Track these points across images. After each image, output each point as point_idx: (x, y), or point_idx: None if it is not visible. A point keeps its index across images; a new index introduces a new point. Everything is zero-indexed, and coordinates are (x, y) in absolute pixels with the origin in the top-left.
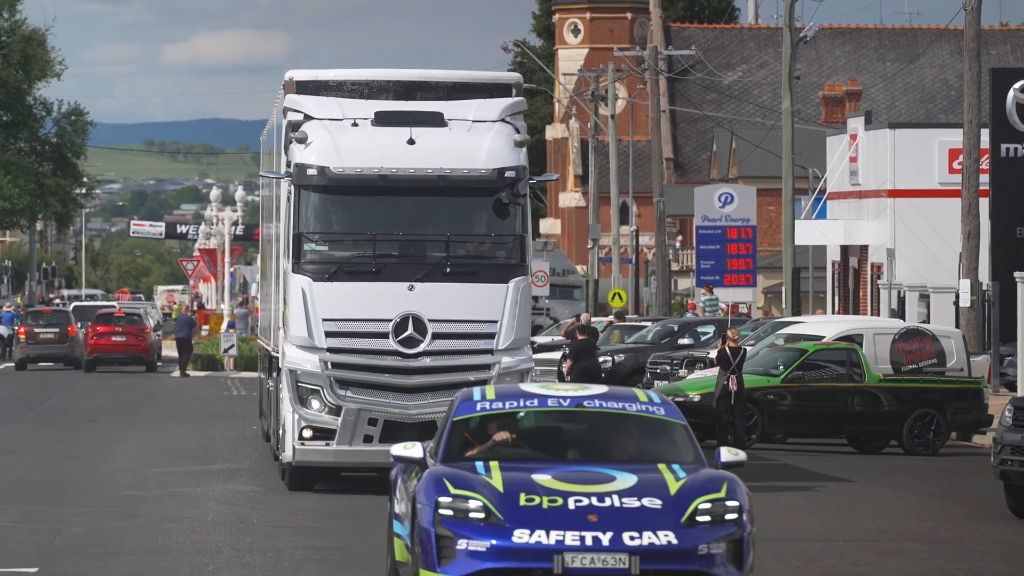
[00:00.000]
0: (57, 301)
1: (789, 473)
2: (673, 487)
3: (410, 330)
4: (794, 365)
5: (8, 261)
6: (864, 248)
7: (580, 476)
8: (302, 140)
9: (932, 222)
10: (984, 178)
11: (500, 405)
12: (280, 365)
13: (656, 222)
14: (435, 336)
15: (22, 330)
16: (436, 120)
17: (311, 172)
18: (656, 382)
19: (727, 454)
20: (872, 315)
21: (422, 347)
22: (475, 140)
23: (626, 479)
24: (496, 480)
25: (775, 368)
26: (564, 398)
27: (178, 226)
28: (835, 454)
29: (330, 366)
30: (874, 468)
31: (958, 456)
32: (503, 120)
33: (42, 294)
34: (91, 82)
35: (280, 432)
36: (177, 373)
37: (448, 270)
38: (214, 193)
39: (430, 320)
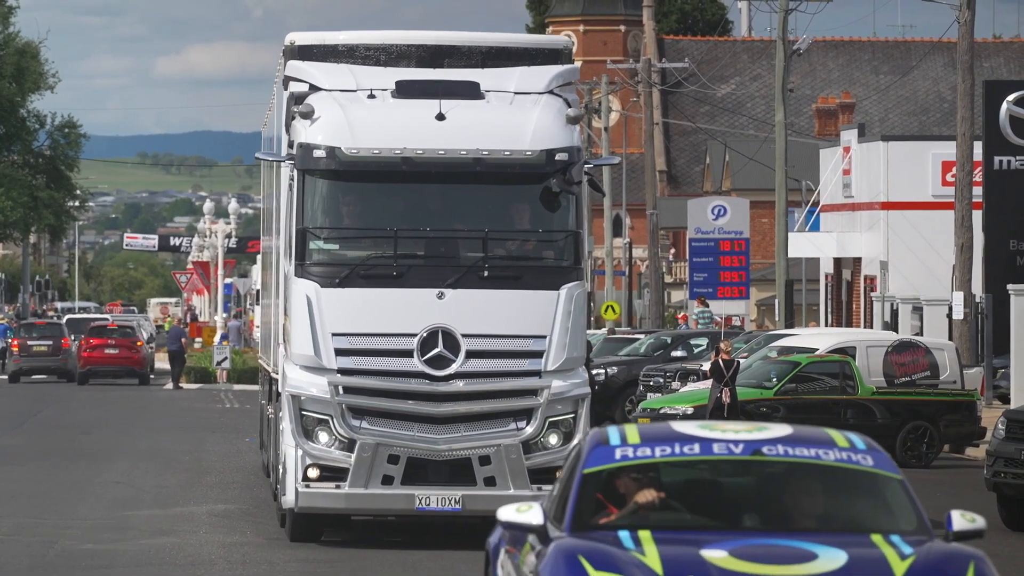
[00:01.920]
0: (51, 314)
1: None
2: (899, 569)
3: (439, 347)
4: (787, 377)
5: (1, 274)
6: (857, 260)
7: (768, 552)
8: (307, 115)
9: (925, 234)
10: (977, 190)
11: (648, 452)
12: (280, 389)
13: (649, 234)
14: (470, 354)
15: (15, 343)
16: (471, 91)
17: (318, 154)
18: (649, 395)
19: (961, 520)
20: (865, 327)
21: (454, 368)
22: (518, 116)
23: (832, 557)
24: (652, 559)
25: (768, 380)
26: (735, 442)
27: (171, 239)
28: None
29: (342, 391)
30: None
31: (951, 468)
32: (551, 92)
33: (35, 307)
34: (84, 95)
35: (280, 470)
36: (170, 385)
37: (486, 274)
38: (207, 205)
39: (464, 335)
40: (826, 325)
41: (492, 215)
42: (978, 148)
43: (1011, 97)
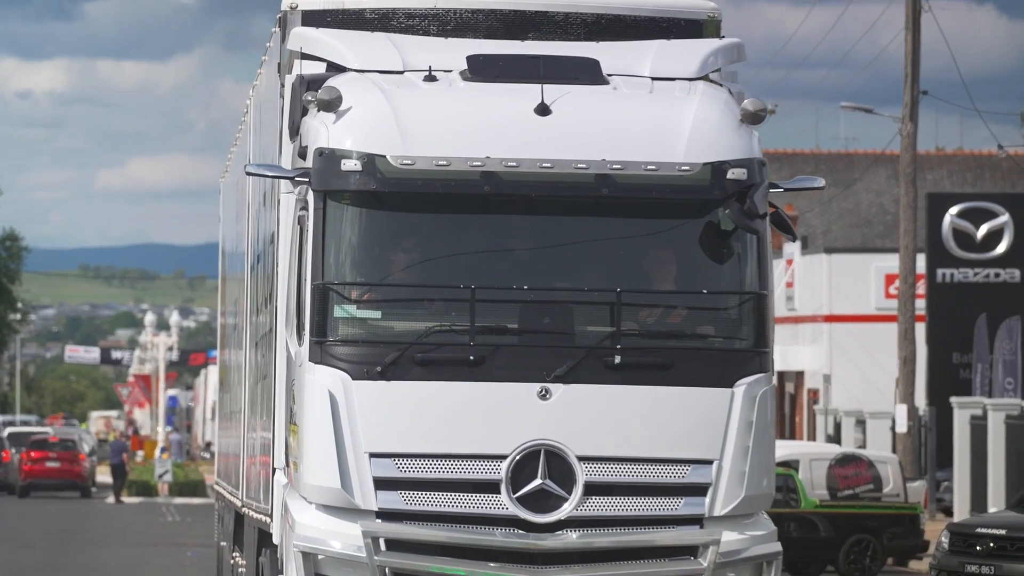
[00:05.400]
0: None
1: None
2: None
3: (542, 477)
4: None
5: None
6: (800, 374)
7: None
8: (331, 105)
9: (868, 347)
10: (920, 303)
11: None
12: (279, 540)
13: None
14: (590, 489)
15: None
16: (588, 72)
17: (350, 165)
18: None
19: None
20: (808, 440)
21: (565, 511)
22: (665, 111)
23: None
24: None
25: None
26: None
27: (113, 351)
28: None
29: (384, 546)
30: None
31: None
32: (706, 78)
33: None
34: (26, 207)
35: None
36: (112, 499)
37: (616, 360)
38: (149, 318)
39: (581, 458)
40: None
41: (625, 266)
42: (921, 260)
43: (954, 209)
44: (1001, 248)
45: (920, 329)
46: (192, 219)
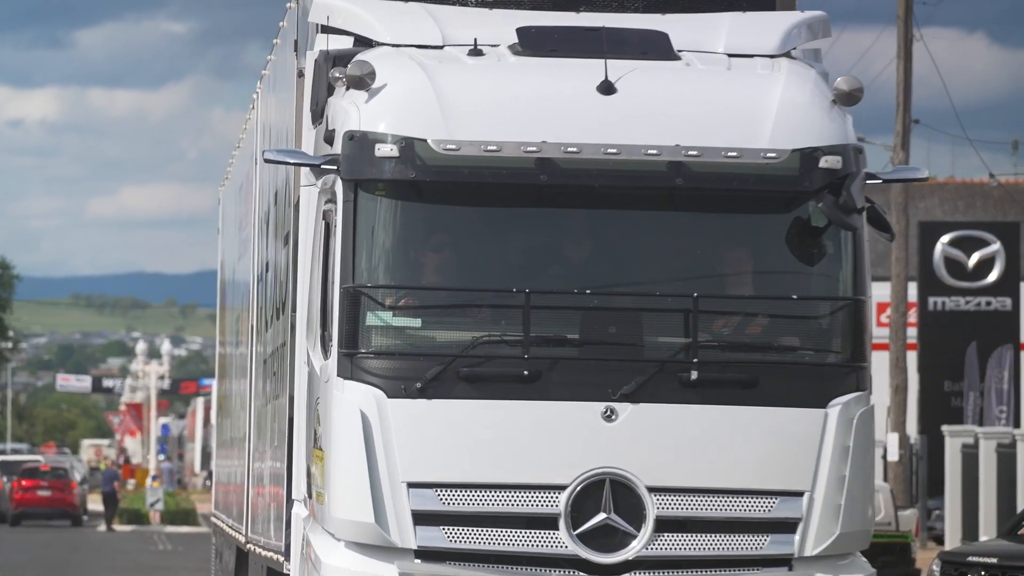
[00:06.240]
0: None
1: None
2: None
3: (605, 511)
4: None
5: None
6: None
7: None
8: (363, 83)
9: None
10: (912, 331)
11: None
12: None
13: None
14: (662, 526)
15: None
16: (655, 47)
17: (385, 150)
18: None
19: None
20: None
21: (632, 551)
22: (747, 92)
23: None
24: None
25: None
26: None
27: (104, 380)
28: None
29: None
30: None
31: None
32: (788, 55)
33: None
34: (17, 235)
35: None
36: (103, 527)
37: (693, 376)
38: (140, 347)
39: (652, 489)
40: None
41: (702, 267)
42: (913, 289)
43: (945, 238)
44: (992, 276)
45: (912, 357)
46: (184, 248)
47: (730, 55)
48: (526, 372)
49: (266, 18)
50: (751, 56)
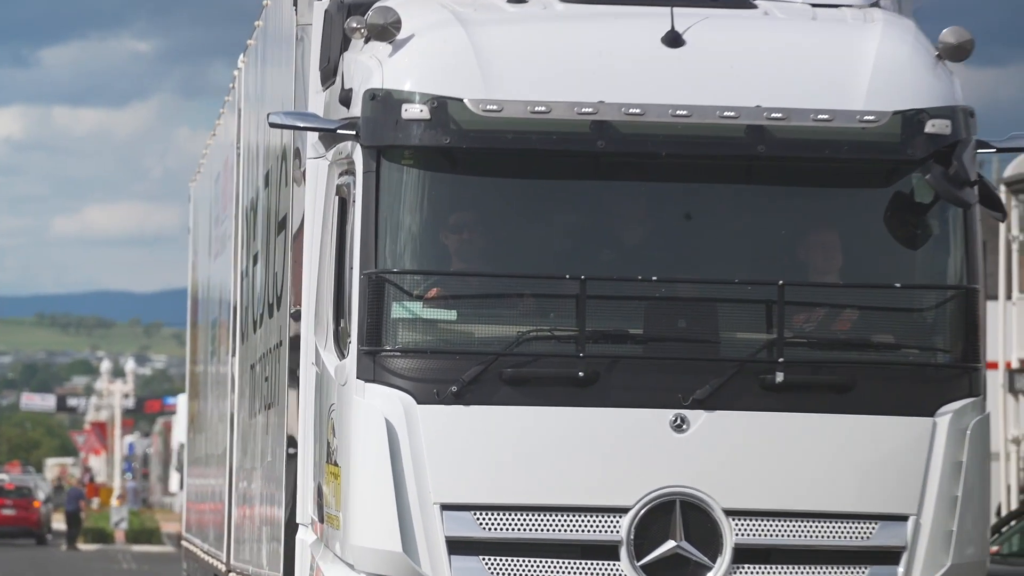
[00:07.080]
0: None
1: None
2: None
3: (675, 539)
4: None
5: None
6: None
7: None
8: (386, 33)
9: None
10: None
11: None
12: None
13: None
14: (741, 555)
15: None
16: None
17: (414, 112)
18: None
19: None
20: None
21: None
22: (837, 45)
23: None
24: None
25: None
26: None
27: (68, 399)
28: None
29: None
30: None
31: None
32: (877, 4)
33: None
34: None
35: None
36: (66, 546)
37: (779, 378)
38: (105, 365)
39: (729, 512)
40: None
41: (787, 250)
42: None
43: None
44: None
45: None
46: (148, 267)
47: (813, 4)
48: (581, 374)
49: (231, 37)
50: (836, 6)
